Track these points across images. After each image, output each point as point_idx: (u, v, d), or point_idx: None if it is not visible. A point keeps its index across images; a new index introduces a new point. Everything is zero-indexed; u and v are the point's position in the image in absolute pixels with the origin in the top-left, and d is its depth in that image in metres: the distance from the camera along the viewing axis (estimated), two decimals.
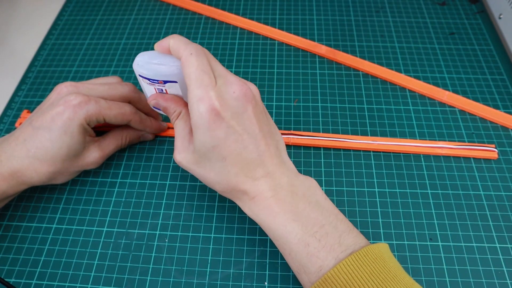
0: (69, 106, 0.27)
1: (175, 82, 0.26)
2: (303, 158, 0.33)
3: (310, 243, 0.23)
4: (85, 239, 0.30)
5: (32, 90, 0.39)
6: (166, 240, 0.30)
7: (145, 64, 0.26)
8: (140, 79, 0.27)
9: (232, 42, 0.43)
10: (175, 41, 0.25)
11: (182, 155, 0.26)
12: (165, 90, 0.28)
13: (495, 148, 0.33)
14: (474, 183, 0.32)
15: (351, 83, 0.39)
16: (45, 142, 0.27)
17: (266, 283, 0.28)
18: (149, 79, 0.27)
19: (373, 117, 0.36)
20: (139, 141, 0.35)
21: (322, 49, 0.41)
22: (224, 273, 0.28)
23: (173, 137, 0.35)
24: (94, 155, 0.30)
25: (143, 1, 0.48)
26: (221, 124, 0.24)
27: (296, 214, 0.24)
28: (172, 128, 0.35)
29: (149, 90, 0.28)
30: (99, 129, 0.34)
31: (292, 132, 0.34)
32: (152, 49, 0.42)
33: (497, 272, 0.28)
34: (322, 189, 0.32)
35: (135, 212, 0.31)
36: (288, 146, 0.34)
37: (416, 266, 0.28)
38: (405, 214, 0.30)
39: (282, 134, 0.34)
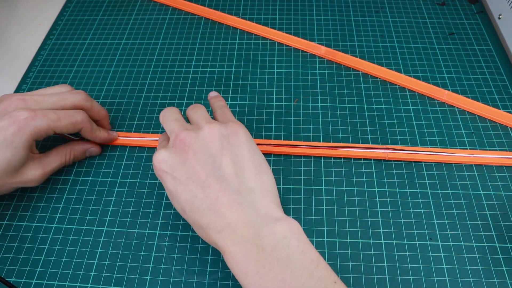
0: (14, 121, 0.26)
1: None
2: (303, 158, 0.33)
3: None
4: (85, 238, 0.30)
5: (32, 90, 0.39)
6: (166, 240, 0.30)
7: None
8: None
9: (232, 43, 0.43)
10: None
11: None
12: None
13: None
14: (473, 183, 0.32)
15: (351, 83, 0.39)
16: None
17: None
18: None
19: (372, 117, 0.36)
20: (85, 157, 0.34)
21: (321, 50, 0.41)
22: (224, 272, 0.28)
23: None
24: (33, 173, 0.28)
25: (143, 2, 0.48)
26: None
27: (261, 277, 0.21)
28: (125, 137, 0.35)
29: None
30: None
31: (291, 142, 0.34)
32: (151, 48, 0.42)
33: (496, 271, 0.28)
34: (321, 189, 0.32)
35: (135, 212, 0.31)
36: (287, 156, 0.34)
37: (416, 265, 0.28)
38: (404, 214, 0.30)
39: (277, 145, 0.33)
